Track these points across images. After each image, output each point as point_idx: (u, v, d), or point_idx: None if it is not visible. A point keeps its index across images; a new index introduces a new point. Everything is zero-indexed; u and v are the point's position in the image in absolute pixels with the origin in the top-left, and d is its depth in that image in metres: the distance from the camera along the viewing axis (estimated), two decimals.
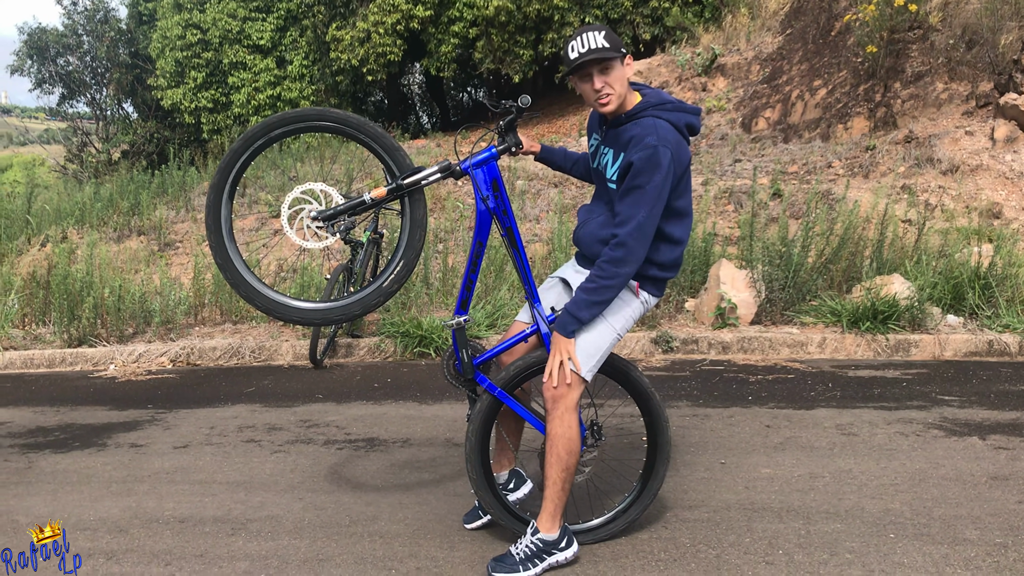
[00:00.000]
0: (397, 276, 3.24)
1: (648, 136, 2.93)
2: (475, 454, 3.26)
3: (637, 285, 3.14)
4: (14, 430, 5.33)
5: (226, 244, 3.22)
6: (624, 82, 3.02)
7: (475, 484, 3.29)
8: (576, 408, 3.09)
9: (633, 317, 3.17)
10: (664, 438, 3.37)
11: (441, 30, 17.49)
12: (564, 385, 3.05)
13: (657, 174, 2.89)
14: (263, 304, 3.23)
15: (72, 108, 24.87)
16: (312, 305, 3.29)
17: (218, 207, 3.19)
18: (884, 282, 6.91)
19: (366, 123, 3.15)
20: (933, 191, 9.18)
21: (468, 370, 3.27)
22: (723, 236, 8.88)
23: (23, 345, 7.55)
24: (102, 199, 12.10)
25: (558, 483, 3.11)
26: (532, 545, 3.14)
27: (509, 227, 3.20)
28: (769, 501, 3.78)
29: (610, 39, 2.96)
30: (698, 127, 3.11)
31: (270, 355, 7.14)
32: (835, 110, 11.63)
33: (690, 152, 3.07)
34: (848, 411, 5.12)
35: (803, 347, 6.60)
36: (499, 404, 3.27)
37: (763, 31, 14.95)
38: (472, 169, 3.15)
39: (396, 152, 3.17)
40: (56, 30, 23.32)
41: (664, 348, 6.76)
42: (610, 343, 3.11)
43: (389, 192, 3.14)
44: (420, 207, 3.22)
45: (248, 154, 3.16)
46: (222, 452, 4.74)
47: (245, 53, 20.39)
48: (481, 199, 3.15)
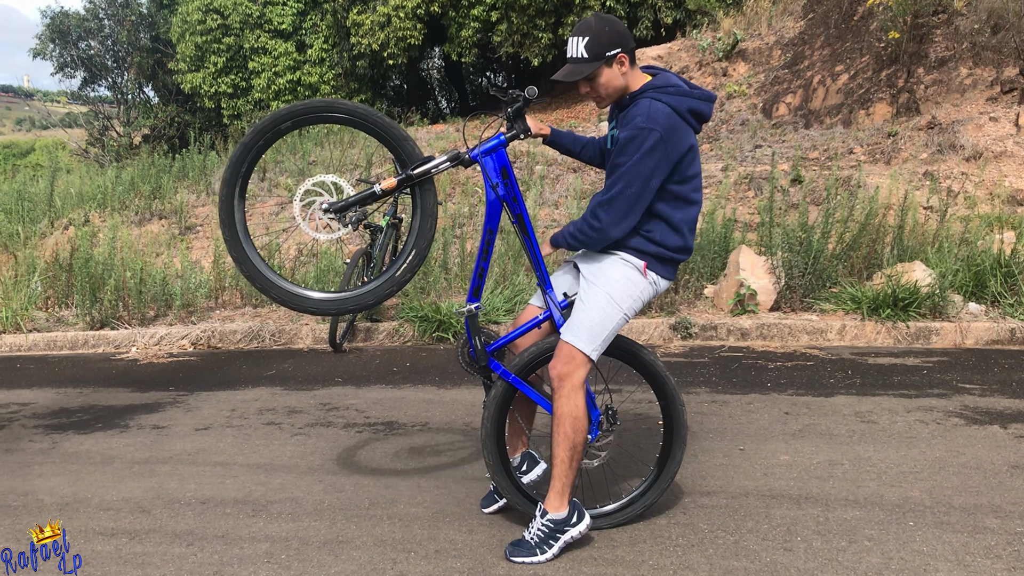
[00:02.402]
0: (410, 265, 3.26)
1: (638, 117, 2.99)
2: (491, 440, 3.28)
3: (644, 265, 3.13)
4: (38, 411, 5.40)
5: (240, 238, 3.24)
6: (615, 82, 3.08)
7: (491, 469, 3.31)
8: (582, 387, 3.10)
9: (641, 298, 3.16)
10: (680, 421, 3.37)
11: (461, 14, 17.45)
12: (570, 363, 3.08)
13: (638, 154, 2.95)
14: (278, 295, 3.26)
15: (94, 92, 25.04)
16: (326, 295, 3.33)
17: (231, 201, 3.22)
18: (905, 269, 6.87)
19: (374, 114, 3.17)
20: (956, 178, 9.09)
21: (482, 357, 3.28)
22: (743, 222, 8.84)
23: (46, 327, 7.63)
24: (123, 183, 12.17)
25: (565, 461, 3.12)
26: (543, 528, 3.15)
27: (520, 214, 3.20)
28: (787, 488, 3.78)
29: (592, 46, 3.00)
30: (706, 113, 3.11)
31: (290, 339, 7.19)
32: (857, 96, 11.52)
33: (692, 137, 3.05)
34: (868, 399, 5.10)
35: (823, 334, 6.58)
36: (513, 390, 3.28)
37: (785, 16, 14.82)
38: (481, 157, 3.16)
39: (405, 142, 3.19)
40: (78, 14, 23.43)
41: (683, 334, 6.75)
42: (616, 323, 3.11)
43: (399, 183, 3.16)
44: (430, 196, 3.24)
45: (258, 147, 3.18)
46: (243, 434, 4.78)
47: (266, 38, 20.42)
48: (491, 187, 3.15)
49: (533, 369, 3.30)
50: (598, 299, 3.10)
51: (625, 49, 3.04)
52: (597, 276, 3.14)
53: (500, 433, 3.30)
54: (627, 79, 3.09)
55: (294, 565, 3.17)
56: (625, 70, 3.06)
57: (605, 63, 3.02)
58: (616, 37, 3.02)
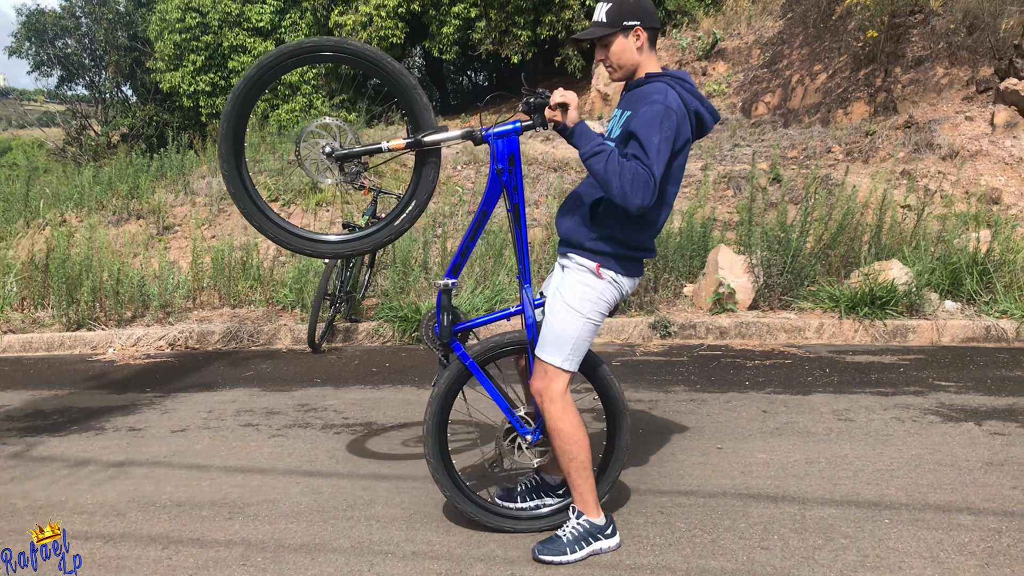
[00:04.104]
0: (410, 215, 3.24)
1: (656, 94, 2.95)
2: (434, 426, 3.26)
3: (597, 266, 3.08)
4: (12, 413, 5.34)
5: (239, 172, 3.20)
6: (628, 54, 3.07)
7: (431, 463, 3.29)
8: (562, 398, 3.09)
9: (603, 300, 3.11)
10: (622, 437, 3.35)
11: (442, 12, 17.42)
12: (543, 378, 3.08)
13: (657, 134, 2.87)
14: (275, 234, 3.23)
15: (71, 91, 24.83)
16: (323, 237, 3.30)
17: (229, 135, 3.16)
18: (882, 267, 6.91)
19: (383, 58, 3.09)
20: (932, 176, 9.16)
21: (446, 334, 3.24)
22: (722, 221, 8.86)
23: (22, 328, 7.55)
24: (101, 182, 12.06)
25: (572, 475, 3.13)
26: (579, 527, 3.14)
27: (516, 203, 3.18)
28: (765, 486, 3.79)
29: (613, 13, 3.02)
30: (707, 124, 3.11)
31: (268, 339, 7.15)
32: (835, 95, 11.59)
33: (689, 135, 3.04)
34: (845, 396, 5.13)
35: (801, 332, 6.61)
36: (468, 375, 3.27)
37: (764, 15, 14.89)
38: (493, 138, 3.13)
39: (413, 91, 3.12)
40: (54, 12, 23.23)
41: (662, 333, 6.77)
42: (579, 329, 3.07)
43: (407, 145, 3.12)
44: (435, 156, 3.21)
45: (263, 81, 3.10)
46: (220, 436, 4.75)
47: (245, 36, 20.29)
48: (495, 170, 3.13)
49: (494, 358, 3.30)
50: (558, 310, 3.10)
51: (644, 25, 3.04)
52: (560, 287, 3.14)
53: (444, 420, 3.29)
54: (642, 57, 3.09)
55: (270, 568, 3.15)
56: (641, 45, 3.06)
57: (622, 32, 3.04)
58: (637, 11, 3.03)
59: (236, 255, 8.43)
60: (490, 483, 3.81)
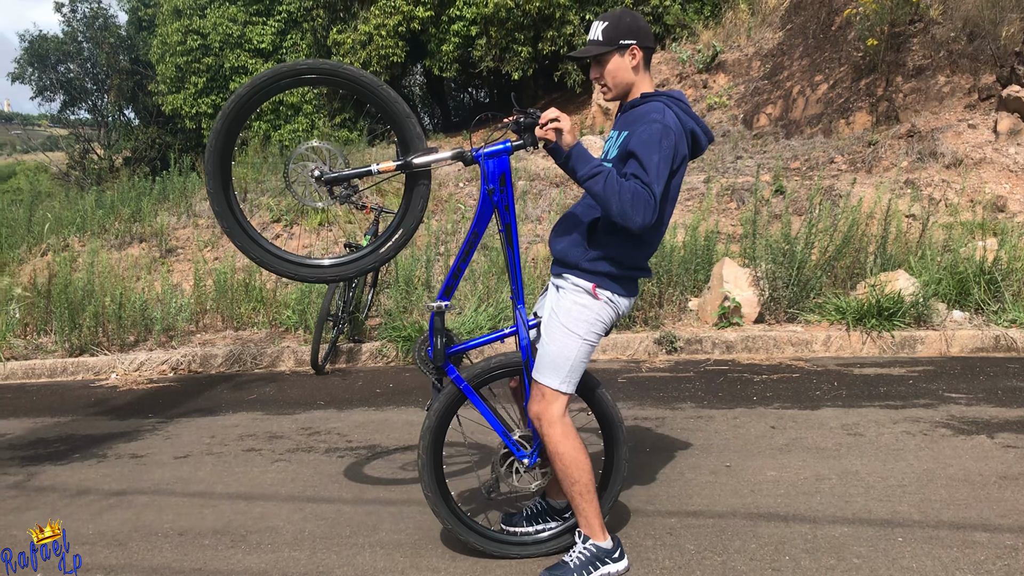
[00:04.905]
0: (396, 243, 3.20)
1: (654, 113, 2.93)
2: (429, 458, 3.21)
3: (594, 286, 3.03)
4: (14, 442, 5.30)
5: (226, 192, 3.15)
6: (623, 73, 3.06)
7: (429, 496, 3.24)
8: (561, 421, 3.02)
9: (600, 320, 3.05)
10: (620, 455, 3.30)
11: (442, 30, 17.44)
12: (540, 401, 3.03)
13: (656, 153, 2.84)
14: (258, 256, 3.18)
15: (74, 115, 24.89)
16: (307, 261, 3.25)
17: (217, 153, 3.11)
18: (888, 278, 6.86)
19: (380, 84, 3.07)
20: (936, 185, 9.11)
21: (439, 357, 3.19)
22: (726, 234, 8.82)
23: (24, 355, 7.52)
24: (104, 206, 12.06)
25: (575, 498, 3.07)
26: (586, 551, 3.07)
27: (508, 223, 3.14)
28: (775, 505, 3.73)
29: (609, 31, 3.00)
30: (702, 144, 3.08)
31: (272, 362, 7.11)
32: (837, 105, 11.56)
33: (686, 153, 3.00)
34: (854, 410, 5.07)
35: (808, 345, 6.55)
36: (462, 398, 3.22)
37: (763, 27, 14.88)
38: (483, 159, 3.09)
39: (407, 119, 3.09)
40: (57, 37, 23.32)
41: (668, 348, 6.71)
42: (576, 351, 3.02)
43: (397, 167, 3.08)
44: (425, 180, 3.17)
45: (254, 100, 3.06)
46: (223, 462, 4.70)
47: (246, 57, 20.33)
48: (487, 190, 3.09)
49: (488, 381, 3.25)
50: (554, 331, 3.05)
51: (640, 44, 3.02)
52: (556, 308, 3.09)
53: (439, 446, 3.23)
54: (636, 77, 3.07)
55: None
56: (636, 64, 3.04)
57: (617, 50, 3.02)
58: (634, 30, 3.01)
59: (238, 277, 8.41)
60: (492, 507, 3.75)
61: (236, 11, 20.23)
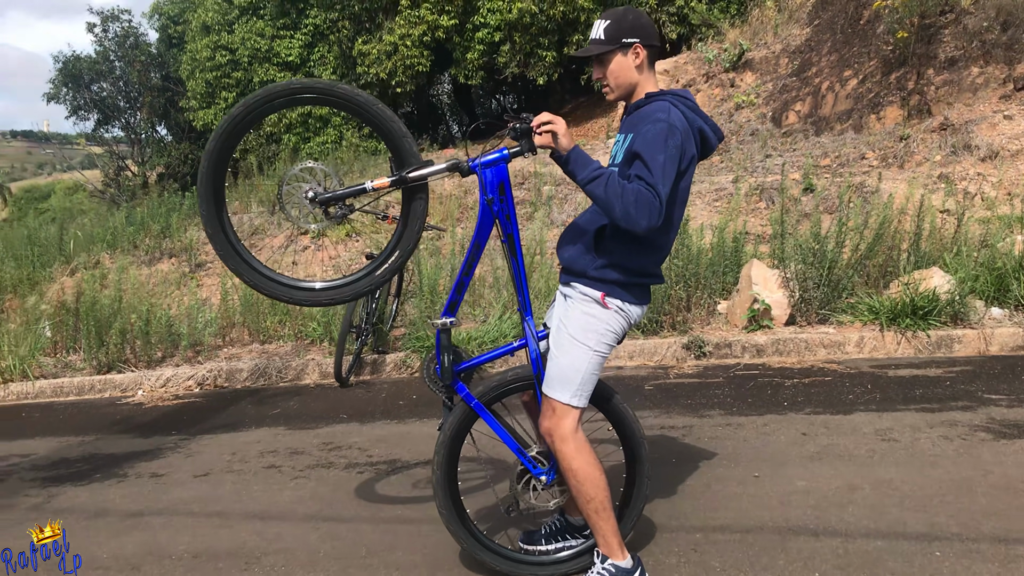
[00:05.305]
0: (391, 266, 3.13)
1: (659, 112, 2.82)
2: (443, 476, 3.13)
3: (602, 295, 2.91)
4: (37, 462, 5.29)
5: (219, 214, 3.09)
6: (627, 72, 2.95)
7: (444, 514, 3.16)
8: (573, 436, 2.91)
9: (610, 330, 2.94)
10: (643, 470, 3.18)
11: (467, 38, 17.41)
12: (552, 416, 2.93)
13: (662, 152, 2.72)
14: (252, 279, 3.12)
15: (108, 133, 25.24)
16: (301, 284, 3.18)
17: (210, 175, 3.05)
18: (923, 276, 6.65)
19: (374, 103, 3.00)
20: (972, 179, 8.87)
21: (447, 375, 3.10)
22: (755, 234, 8.65)
23: (53, 373, 7.55)
24: (134, 223, 12.16)
25: (591, 516, 2.96)
26: (604, 572, 2.96)
27: (510, 233, 3.04)
28: (805, 517, 3.59)
29: (611, 30, 2.91)
30: (711, 143, 2.96)
31: (297, 375, 7.06)
32: (867, 100, 11.33)
33: (695, 152, 2.88)
34: (888, 415, 4.90)
35: (840, 347, 6.37)
36: (474, 416, 3.13)
37: (790, 23, 14.65)
38: (480, 168, 2.99)
39: (403, 139, 3.01)
40: (89, 57, 23.64)
41: (696, 353, 6.57)
42: (587, 363, 2.91)
43: (392, 183, 3.00)
44: (422, 200, 3.08)
45: (247, 121, 3.01)
46: (242, 480, 4.65)
47: (275, 71, 20.44)
48: (485, 201, 3.00)
49: (499, 397, 3.15)
50: (563, 343, 2.94)
51: (644, 43, 2.91)
52: (564, 319, 2.98)
53: (453, 464, 3.16)
54: (640, 76, 2.96)
55: None
56: (640, 63, 2.93)
57: (620, 49, 2.91)
58: (637, 28, 2.91)
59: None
60: (512, 524, 3.65)
61: (263, 25, 20.36)
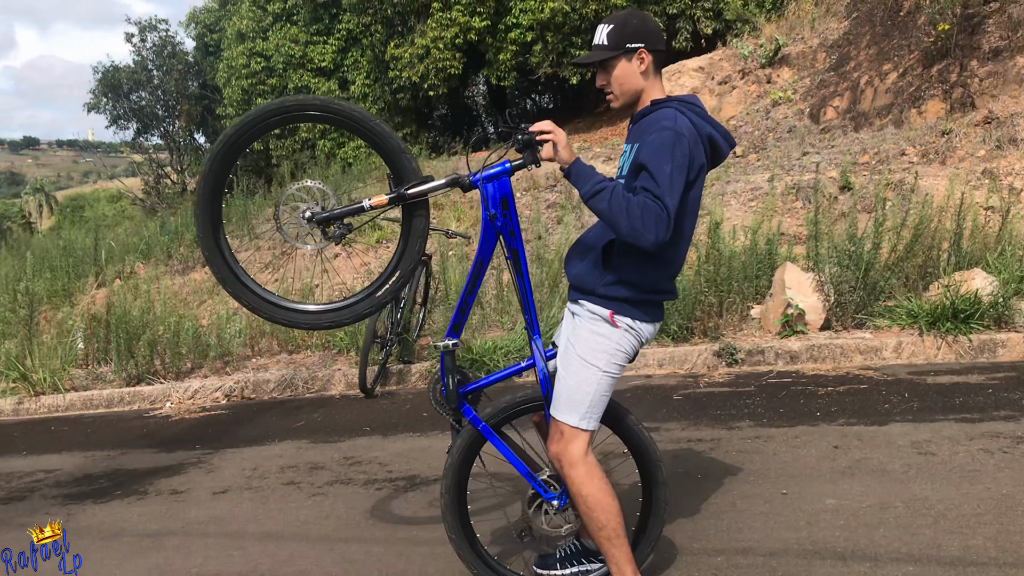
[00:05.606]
0: (391, 288, 3.04)
1: (664, 120, 2.67)
2: (452, 500, 3.03)
3: (611, 313, 2.78)
4: (62, 479, 5.28)
5: (215, 236, 3.03)
6: (631, 79, 2.81)
7: (453, 539, 3.07)
8: (583, 461, 2.79)
9: (620, 349, 2.80)
10: (660, 493, 3.04)
11: (499, 39, 17.32)
12: (560, 440, 2.81)
13: (668, 163, 2.58)
14: (250, 302, 3.05)
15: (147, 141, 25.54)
16: (301, 307, 3.11)
17: (206, 196, 2.99)
18: (964, 277, 6.41)
19: (370, 119, 2.92)
20: (1018, 174, 8.56)
21: (452, 398, 3.00)
22: (791, 235, 8.43)
23: (85, 385, 7.59)
24: (168, 232, 12.23)
25: (603, 544, 2.84)
26: None
27: (515, 249, 2.93)
28: (833, 539, 3.43)
29: (615, 35, 2.77)
30: (722, 151, 2.81)
31: (323, 385, 7.01)
32: (907, 94, 11.02)
33: (704, 161, 2.73)
34: (926, 425, 4.70)
35: (877, 353, 6.16)
36: (482, 440, 3.02)
37: (828, 17, 14.34)
38: (482, 183, 2.88)
39: (401, 155, 2.94)
40: (128, 67, 23.95)
41: (728, 361, 6.39)
42: (596, 384, 2.78)
43: (390, 200, 2.91)
44: (422, 218, 3.00)
45: (242, 140, 2.95)
46: (260, 497, 4.59)
47: (309, 77, 20.54)
48: (488, 216, 2.88)
49: (508, 420, 3.04)
50: (571, 363, 2.81)
51: (649, 47, 2.77)
52: (572, 338, 2.85)
53: (462, 489, 3.05)
54: (646, 83, 2.82)
55: None
56: (645, 70, 2.79)
57: (624, 55, 2.77)
58: (642, 32, 2.77)
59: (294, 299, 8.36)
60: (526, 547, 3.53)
61: (297, 32, 20.47)
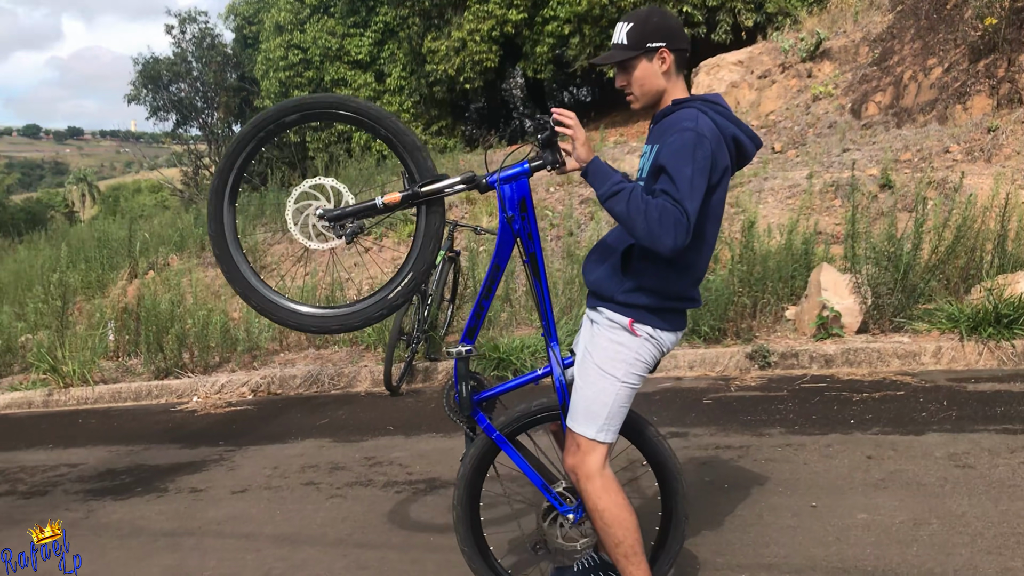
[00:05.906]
0: (404, 289, 2.94)
1: (686, 121, 2.55)
2: (464, 511, 2.94)
3: (630, 321, 2.66)
4: (85, 473, 5.29)
5: (226, 234, 2.99)
6: (652, 79, 2.68)
7: (466, 552, 2.98)
8: (600, 474, 2.68)
9: (640, 359, 2.68)
10: (680, 509, 2.92)
11: (536, 31, 17.22)
12: (576, 453, 2.70)
13: (689, 165, 2.46)
14: (259, 303, 2.99)
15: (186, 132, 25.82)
16: (311, 311, 3.04)
17: (221, 194, 2.94)
18: (1008, 281, 6.19)
19: (387, 117, 2.85)
20: None
21: (466, 406, 2.90)
22: (829, 234, 8.23)
23: (114, 378, 7.62)
24: (202, 224, 12.28)
25: (620, 561, 2.73)
26: None
27: (533, 253, 2.81)
28: (862, 556, 3.29)
29: (635, 33, 2.64)
30: (748, 151, 2.68)
31: (349, 382, 6.96)
32: (952, 89, 10.72)
33: (728, 163, 2.61)
34: (964, 436, 4.52)
35: (916, 358, 5.97)
36: (496, 449, 2.92)
37: (871, 10, 14.03)
38: (499, 184, 2.77)
39: (416, 152, 2.85)
40: (168, 59, 24.19)
41: (761, 364, 6.23)
42: (615, 395, 2.67)
43: (404, 199, 2.82)
44: (436, 217, 2.89)
45: (258, 138, 2.90)
46: (278, 497, 4.54)
47: (345, 69, 20.62)
48: (505, 218, 2.77)
49: (522, 429, 2.94)
50: (589, 373, 2.70)
51: (671, 47, 2.65)
52: (590, 346, 2.74)
53: (475, 500, 2.95)
54: (667, 83, 2.69)
55: None
56: (667, 69, 2.67)
57: (644, 55, 2.65)
58: (663, 30, 2.65)
59: (322, 293, 8.34)
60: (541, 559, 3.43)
61: (334, 24, 20.52)
